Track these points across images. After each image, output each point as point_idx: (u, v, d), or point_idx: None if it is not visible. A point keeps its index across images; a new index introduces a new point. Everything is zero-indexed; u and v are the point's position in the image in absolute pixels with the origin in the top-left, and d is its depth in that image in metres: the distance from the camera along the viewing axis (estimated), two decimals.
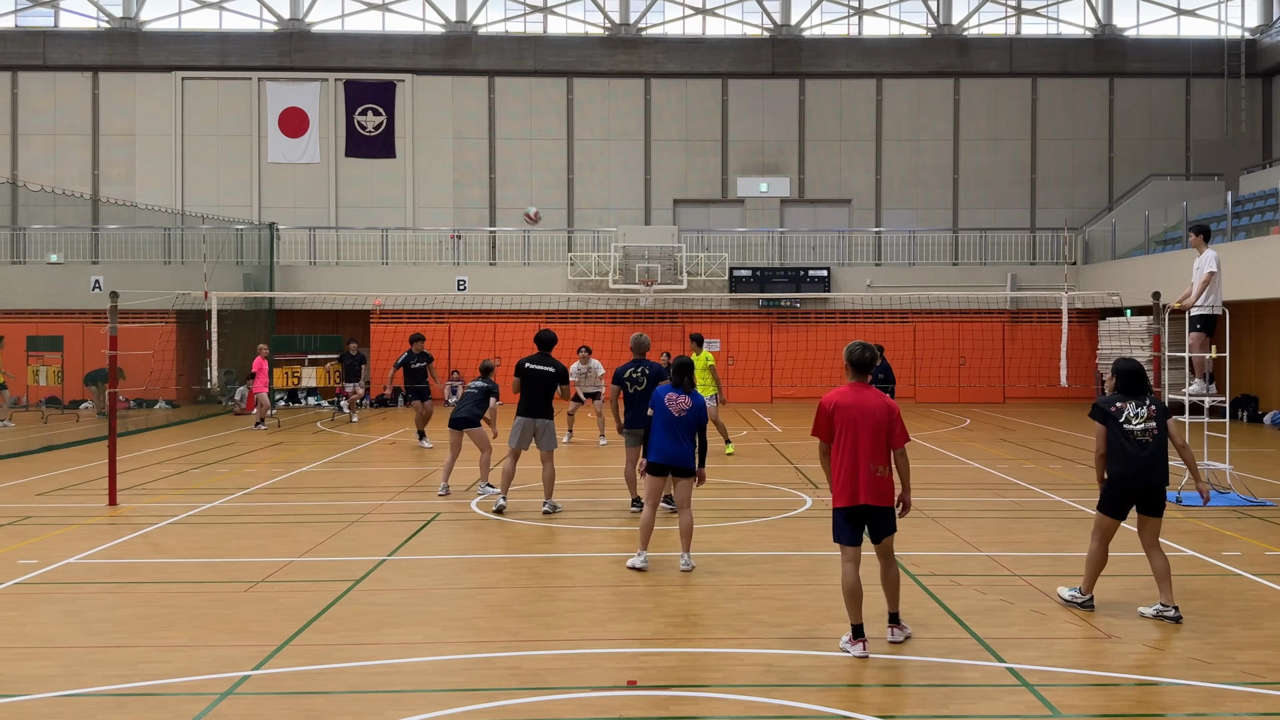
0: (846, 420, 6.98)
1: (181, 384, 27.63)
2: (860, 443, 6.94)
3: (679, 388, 9.31)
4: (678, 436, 9.18)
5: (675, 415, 9.19)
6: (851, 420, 6.97)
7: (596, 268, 30.43)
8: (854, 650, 6.83)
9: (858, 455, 6.93)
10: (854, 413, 6.97)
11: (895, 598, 7.15)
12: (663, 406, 9.23)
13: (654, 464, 9.25)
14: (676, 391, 9.29)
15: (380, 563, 9.54)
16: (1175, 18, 34.20)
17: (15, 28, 33.31)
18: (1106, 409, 7.87)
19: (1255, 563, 9.42)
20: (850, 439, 6.95)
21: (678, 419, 9.19)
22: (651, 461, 9.26)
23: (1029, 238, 32.04)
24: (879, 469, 6.93)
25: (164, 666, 6.65)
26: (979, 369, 28.49)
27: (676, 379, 9.36)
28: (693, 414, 9.23)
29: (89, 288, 28.51)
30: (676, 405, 9.21)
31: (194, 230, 29.57)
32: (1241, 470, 14.22)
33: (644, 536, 9.31)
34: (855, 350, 7.14)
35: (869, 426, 6.94)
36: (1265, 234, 23.49)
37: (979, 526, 11.30)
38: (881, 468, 6.95)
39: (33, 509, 12.42)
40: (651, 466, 9.27)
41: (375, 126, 33.14)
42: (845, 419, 6.99)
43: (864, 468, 6.91)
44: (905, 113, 33.45)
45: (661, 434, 9.20)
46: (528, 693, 6.14)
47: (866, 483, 6.91)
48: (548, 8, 33.93)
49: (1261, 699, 6.07)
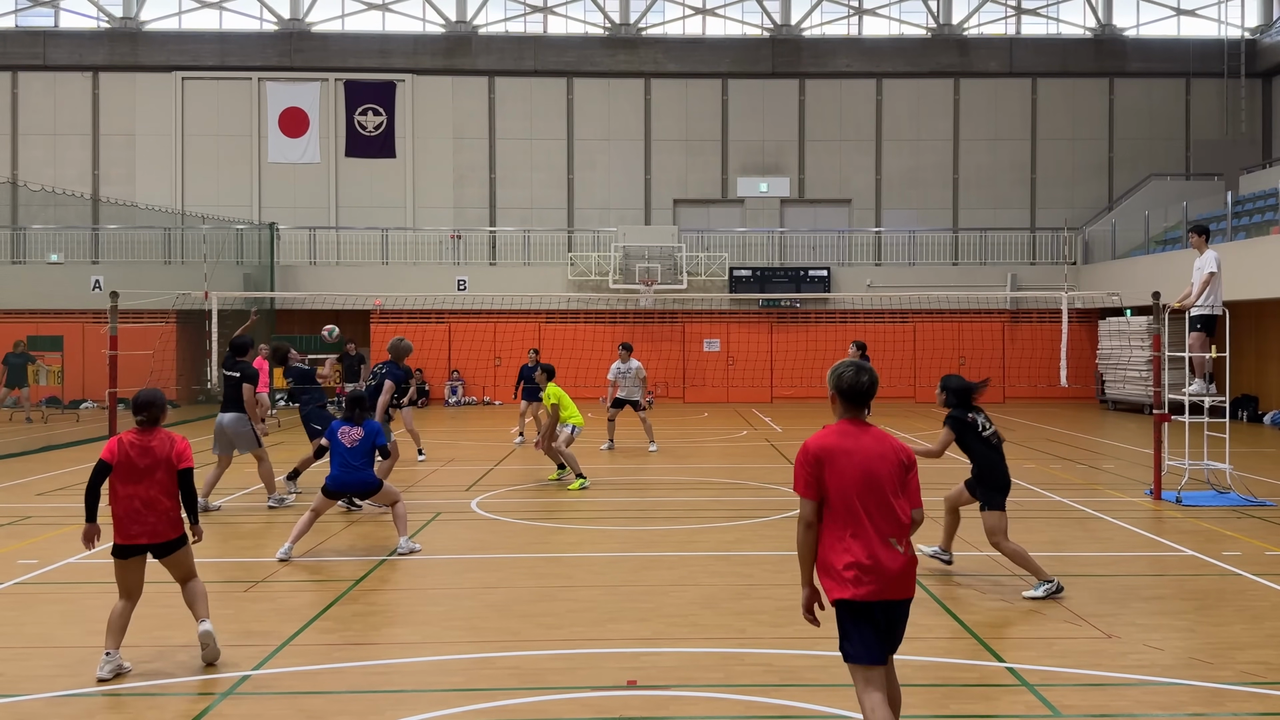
0: (844, 474, 4.69)
1: (181, 384, 27.64)
2: (869, 506, 4.68)
3: (349, 420, 10.11)
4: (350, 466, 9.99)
5: (348, 446, 9.99)
6: (852, 474, 4.69)
7: (596, 268, 30.42)
8: None
9: (866, 524, 4.67)
10: (854, 462, 4.70)
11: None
12: (335, 439, 10.04)
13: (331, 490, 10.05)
14: (349, 425, 10.08)
15: (380, 563, 9.54)
16: (1175, 18, 34.20)
17: (15, 28, 33.31)
18: (964, 419, 8.66)
19: (1255, 563, 9.41)
20: (850, 502, 4.67)
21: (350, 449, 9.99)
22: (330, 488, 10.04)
23: (1029, 238, 32.04)
24: (898, 543, 4.70)
25: (164, 666, 6.65)
26: (979, 369, 28.43)
27: (348, 413, 10.16)
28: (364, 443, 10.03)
29: (89, 288, 28.51)
30: (349, 436, 10.01)
31: (194, 230, 29.59)
32: (1241, 470, 14.21)
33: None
34: (849, 374, 4.84)
35: (879, 482, 4.70)
36: (1265, 234, 23.49)
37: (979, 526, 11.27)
38: (900, 541, 4.71)
39: (33, 509, 12.42)
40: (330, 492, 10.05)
41: (375, 126, 33.14)
42: (841, 472, 4.69)
43: (878, 542, 4.66)
44: (905, 113, 33.45)
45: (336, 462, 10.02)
46: (528, 693, 6.13)
47: (886, 563, 4.64)
48: (548, 8, 33.93)
49: (1261, 699, 6.06)
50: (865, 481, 4.68)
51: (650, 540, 10.50)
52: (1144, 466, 15.61)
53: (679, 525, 11.30)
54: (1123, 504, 12.70)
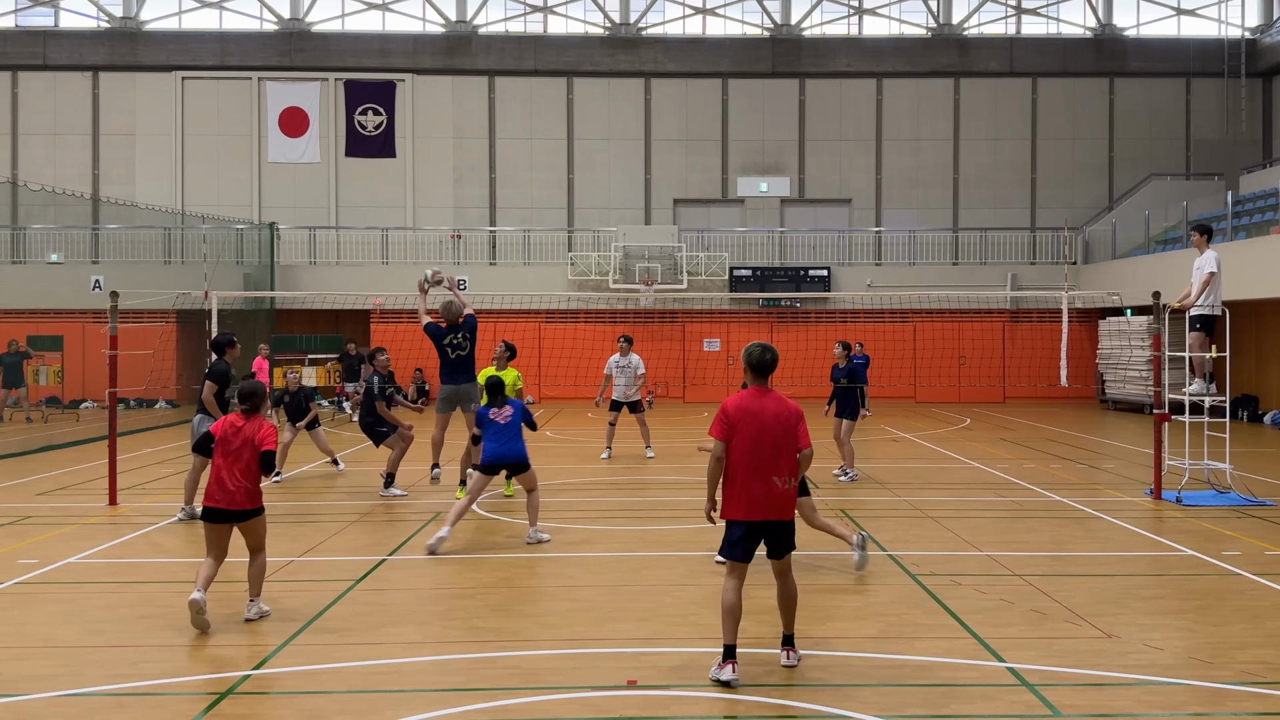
0: (749, 427, 6.34)
1: (181, 384, 27.64)
2: (763, 452, 6.32)
3: (493, 405, 10.49)
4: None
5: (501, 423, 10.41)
6: (755, 428, 6.34)
7: (597, 268, 30.43)
8: (724, 675, 6.22)
9: (760, 466, 6.32)
10: (758, 420, 6.35)
11: (792, 618, 6.63)
12: (488, 421, 10.44)
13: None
14: (494, 408, 10.47)
15: (380, 563, 9.54)
16: (1175, 17, 34.20)
17: (15, 28, 33.31)
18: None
19: (1255, 563, 9.41)
20: (752, 448, 6.31)
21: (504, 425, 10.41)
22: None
23: (1029, 237, 32.04)
24: (784, 481, 6.36)
25: (164, 666, 6.65)
26: (979, 369, 28.48)
27: (491, 400, 10.53)
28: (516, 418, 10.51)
29: (89, 288, 28.51)
30: (501, 415, 10.44)
31: (194, 230, 29.59)
32: (1241, 470, 14.21)
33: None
34: (755, 352, 6.56)
35: (774, 435, 6.34)
36: (1265, 234, 23.50)
37: (979, 526, 11.30)
38: (787, 479, 6.37)
39: (33, 509, 12.42)
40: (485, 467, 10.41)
41: (375, 126, 33.14)
42: (748, 426, 6.35)
43: (766, 480, 6.32)
44: (905, 112, 33.45)
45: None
46: (528, 693, 6.13)
47: (769, 496, 6.33)
48: (548, 7, 33.93)
49: (1261, 699, 6.06)
50: (764, 434, 6.34)
51: (650, 540, 10.50)
52: (1144, 466, 15.61)
53: (679, 525, 11.30)
54: (1123, 504, 12.70)
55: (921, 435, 20.67)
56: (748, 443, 6.33)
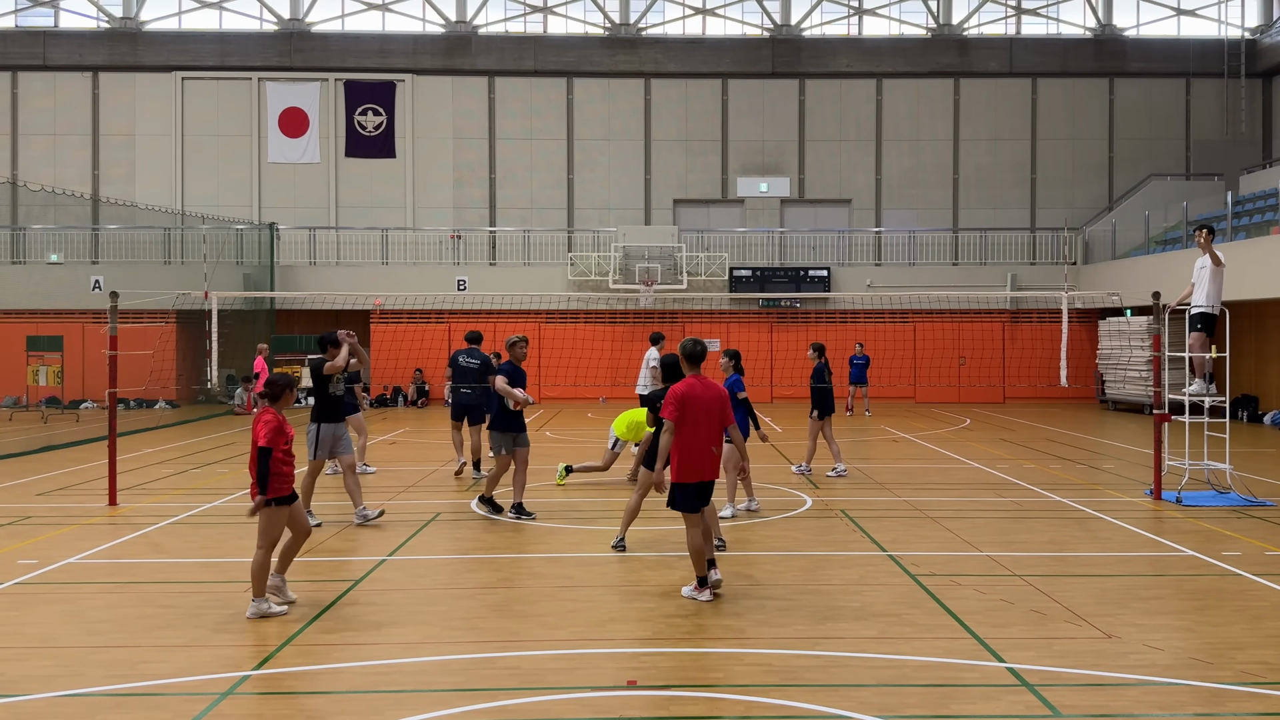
0: (694, 409, 7.98)
1: (181, 384, 27.65)
2: (702, 428, 8.02)
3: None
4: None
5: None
6: (697, 409, 7.99)
7: (596, 268, 30.43)
8: (701, 596, 8.05)
9: (701, 439, 8.04)
10: (700, 403, 8.01)
11: (715, 532, 9.04)
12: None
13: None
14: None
15: (380, 563, 9.54)
16: (1175, 18, 34.20)
17: (15, 28, 33.31)
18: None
19: (1255, 563, 9.41)
20: (696, 425, 8.00)
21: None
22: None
23: (1029, 238, 32.05)
24: (716, 449, 8.17)
25: (164, 666, 6.65)
26: (979, 369, 28.48)
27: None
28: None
29: (89, 288, 28.52)
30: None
31: (194, 230, 29.58)
32: (1241, 470, 14.21)
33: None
34: (689, 346, 8.26)
35: (711, 414, 8.05)
36: (1265, 234, 23.50)
37: (979, 526, 11.30)
38: (717, 448, 8.17)
39: (33, 509, 12.42)
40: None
41: (375, 126, 33.14)
42: (693, 407, 7.98)
43: (706, 450, 8.08)
44: (905, 113, 33.45)
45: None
46: (528, 693, 6.13)
47: (709, 461, 8.12)
48: (548, 8, 33.93)
49: (1261, 699, 6.06)
50: (702, 413, 8.01)
51: (650, 540, 10.50)
52: (1144, 466, 15.61)
53: (679, 525, 11.27)
54: (1123, 504, 12.70)
55: (921, 435, 20.67)
56: (693, 420, 8.00)
